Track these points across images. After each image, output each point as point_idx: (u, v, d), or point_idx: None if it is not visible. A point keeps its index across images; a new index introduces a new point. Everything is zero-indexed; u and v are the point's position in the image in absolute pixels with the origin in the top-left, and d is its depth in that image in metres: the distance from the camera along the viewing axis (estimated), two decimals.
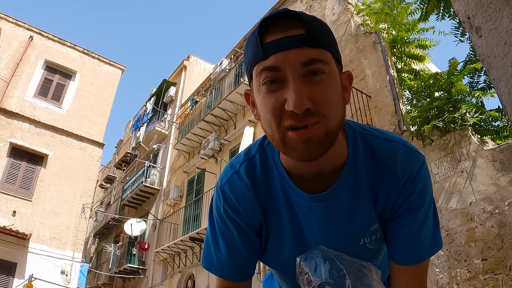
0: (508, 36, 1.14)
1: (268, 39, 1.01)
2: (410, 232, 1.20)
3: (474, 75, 9.50)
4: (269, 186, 1.28)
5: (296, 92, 0.95)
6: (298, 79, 0.98)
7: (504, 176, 6.87)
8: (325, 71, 1.01)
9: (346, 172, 1.21)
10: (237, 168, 1.31)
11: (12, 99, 18.22)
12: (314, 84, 0.99)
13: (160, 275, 19.37)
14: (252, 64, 1.05)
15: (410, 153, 1.22)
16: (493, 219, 6.77)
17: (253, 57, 1.04)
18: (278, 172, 1.27)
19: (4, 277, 15.59)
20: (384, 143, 1.23)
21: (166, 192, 21.32)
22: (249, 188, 1.29)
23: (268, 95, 1.02)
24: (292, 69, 0.98)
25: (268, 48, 1.00)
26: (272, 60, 0.99)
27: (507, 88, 1.15)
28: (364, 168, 1.22)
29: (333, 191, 1.21)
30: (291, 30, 1.00)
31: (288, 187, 1.25)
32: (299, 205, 1.26)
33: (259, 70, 1.02)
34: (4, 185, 16.81)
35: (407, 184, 1.19)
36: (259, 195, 1.29)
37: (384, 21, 11.52)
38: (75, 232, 17.82)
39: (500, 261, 6.50)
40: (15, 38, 19.44)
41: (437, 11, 6.87)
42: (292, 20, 1.01)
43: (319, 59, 0.99)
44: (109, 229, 26.84)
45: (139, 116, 28.34)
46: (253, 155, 1.32)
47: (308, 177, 1.21)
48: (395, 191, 1.20)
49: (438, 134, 8.18)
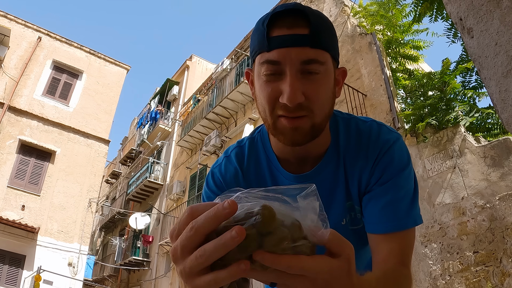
0: (498, 37, 1.14)
1: (275, 33, 1.04)
2: (382, 200, 1.17)
3: (466, 74, 9.54)
4: (257, 170, 1.34)
5: (291, 87, 1.00)
6: (295, 75, 1.02)
7: (495, 171, 6.88)
8: (321, 71, 1.05)
9: (328, 156, 1.25)
10: (229, 153, 1.40)
11: (21, 98, 18.22)
12: (309, 81, 1.04)
13: (164, 267, 19.38)
14: (257, 52, 1.09)
15: (381, 130, 1.25)
16: (484, 213, 6.78)
17: (258, 46, 1.08)
18: (267, 156, 1.32)
19: (14, 269, 15.60)
20: (361, 124, 1.28)
21: (169, 187, 21.34)
22: (236, 171, 1.35)
23: (266, 84, 1.07)
24: (291, 65, 1.02)
25: (273, 42, 1.04)
26: (275, 55, 1.03)
27: (497, 87, 1.16)
28: (343, 150, 1.25)
29: (315, 172, 1.25)
30: (296, 29, 1.03)
31: (275, 169, 1.30)
32: (285, 184, 1.27)
33: (262, 60, 1.06)
34: (13, 180, 16.81)
35: (380, 159, 1.20)
36: (246, 178, 1.35)
37: (380, 23, 11.52)
38: (82, 225, 17.83)
39: (491, 254, 6.51)
40: (24, 39, 19.42)
41: (430, 13, 6.88)
42: (300, 18, 1.04)
43: (317, 59, 1.03)
44: (115, 223, 26.86)
45: (143, 114, 28.34)
46: (244, 143, 1.39)
47: (294, 161, 1.26)
48: (368, 167, 1.22)
49: (431, 131, 8.19)
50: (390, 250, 1.12)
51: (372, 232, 1.19)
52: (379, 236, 1.16)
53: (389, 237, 1.15)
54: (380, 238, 1.16)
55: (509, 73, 1.11)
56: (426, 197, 7.68)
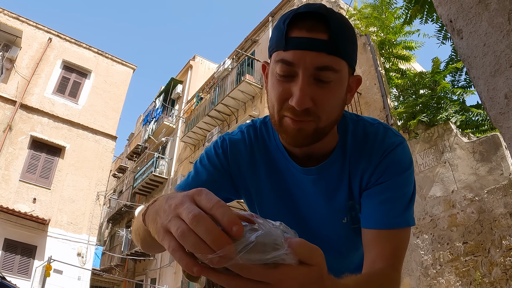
0: (487, 38, 1.14)
1: (293, 34, 1.01)
2: (379, 197, 1.16)
3: (456, 74, 9.58)
4: (267, 154, 1.32)
5: (301, 92, 0.98)
6: (307, 79, 0.99)
7: (483, 166, 6.89)
8: (334, 79, 1.01)
9: (336, 154, 1.23)
10: (243, 128, 1.38)
11: (32, 96, 18.22)
12: (320, 88, 1.01)
13: (168, 257, 19.38)
14: (274, 49, 1.06)
15: (387, 133, 1.23)
16: (473, 206, 6.79)
17: (276, 43, 1.05)
18: (277, 145, 1.30)
19: (26, 259, 15.65)
20: (368, 126, 1.25)
21: (173, 181, 21.36)
22: (247, 147, 1.34)
23: (278, 83, 1.04)
24: (305, 69, 0.99)
25: (290, 42, 1.00)
26: (291, 56, 1.00)
27: (485, 85, 1.16)
28: (350, 150, 1.23)
29: (322, 167, 1.23)
30: (315, 33, 0.99)
31: (284, 159, 1.28)
32: (293, 176, 1.28)
33: (277, 58, 1.03)
34: (25, 174, 16.84)
35: (382, 160, 1.18)
36: (254, 157, 1.33)
37: (373, 25, 11.56)
38: (90, 217, 17.85)
39: (479, 244, 6.52)
40: (35, 40, 19.40)
41: (421, 15, 6.87)
42: (321, 22, 1.00)
43: (332, 67, 1.00)
44: (122, 215, 26.89)
45: (149, 111, 28.36)
46: (258, 125, 1.37)
47: (300, 157, 1.24)
48: (370, 168, 1.19)
49: (422, 128, 8.20)
50: (381, 252, 1.10)
51: (365, 227, 1.17)
52: (372, 232, 1.14)
53: (382, 235, 1.13)
54: (373, 235, 1.14)
55: (497, 72, 1.11)
56: (417, 190, 7.69)
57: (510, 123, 1.08)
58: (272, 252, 0.60)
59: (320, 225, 1.32)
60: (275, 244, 0.61)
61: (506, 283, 6.01)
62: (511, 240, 6.11)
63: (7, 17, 18.97)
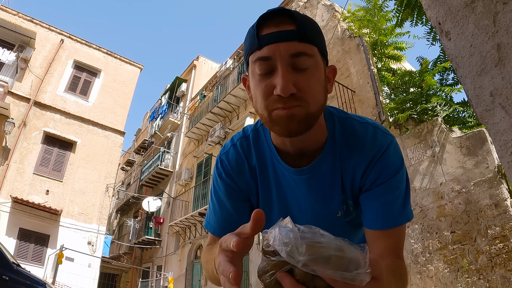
0: (473, 39, 1.15)
1: (264, 32, 1.02)
2: (379, 200, 1.16)
3: (444, 73, 9.60)
4: (260, 161, 1.30)
5: (283, 79, 0.97)
6: (286, 68, 0.99)
7: (470, 160, 6.90)
8: (310, 64, 1.02)
9: (326, 151, 1.22)
10: (235, 142, 1.35)
11: (45, 94, 18.23)
12: (300, 73, 1.01)
13: (173, 245, 19.47)
14: (249, 52, 1.07)
15: (377, 132, 1.21)
16: (461, 197, 6.80)
17: (249, 46, 1.06)
18: (269, 149, 1.28)
19: (39, 247, 15.73)
20: (357, 124, 1.23)
21: (178, 174, 21.37)
22: (242, 159, 1.32)
23: (260, 82, 1.04)
24: (282, 59, 0.99)
25: (262, 40, 1.01)
26: (266, 51, 1.01)
27: (472, 84, 1.16)
28: (339, 147, 1.22)
29: (313, 166, 1.22)
30: (283, 26, 1.01)
31: (277, 162, 1.27)
32: (286, 178, 1.27)
33: (254, 59, 1.04)
34: (39, 167, 16.87)
35: (377, 161, 1.18)
36: (251, 166, 1.32)
37: (366, 27, 11.57)
38: (100, 208, 17.90)
39: (466, 234, 6.54)
40: (48, 41, 19.39)
41: (411, 18, 6.87)
42: (286, 17, 1.02)
43: (306, 52, 1.01)
44: (129, 206, 26.94)
45: (155, 108, 28.34)
46: (249, 134, 1.34)
47: (293, 154, 1.22)
48: (361, 166, 1.19)
49: (413, 123, 8.21)
50: (387, 246, 1.13)
51: (370, 228, 1.19)
52: (376, 232, 1.17)
53: (385, 233, 1.15)
54: (377, 234, 1.16)
55: (483, 71, 1.11)
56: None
57: (495, 120, 1.08)
58: (354, 270, 0.59)
59: (316, 223, 1.30)
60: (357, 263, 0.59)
61: (492, 270, 6.02)
62: (496, 230, 6.13)
63: (22, 19, 18.96)
